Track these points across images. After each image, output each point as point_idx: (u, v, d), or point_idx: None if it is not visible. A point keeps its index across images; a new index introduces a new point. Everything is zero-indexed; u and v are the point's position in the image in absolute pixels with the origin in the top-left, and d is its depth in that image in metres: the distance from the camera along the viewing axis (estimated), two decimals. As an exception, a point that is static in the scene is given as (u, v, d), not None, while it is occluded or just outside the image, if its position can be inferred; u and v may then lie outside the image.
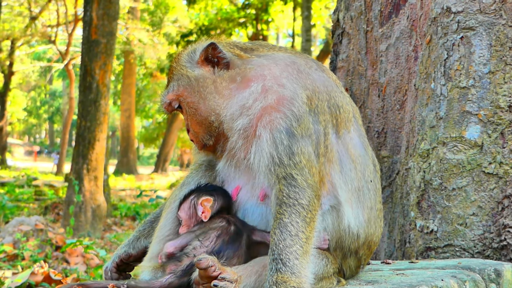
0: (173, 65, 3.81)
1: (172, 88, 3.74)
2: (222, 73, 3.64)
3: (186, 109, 3.71)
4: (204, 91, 3.64)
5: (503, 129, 4.80)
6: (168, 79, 3.85)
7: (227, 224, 3.43)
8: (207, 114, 3.63)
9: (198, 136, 3.72)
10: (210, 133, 3.67)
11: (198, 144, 3.75)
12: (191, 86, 3.67)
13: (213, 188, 3.63)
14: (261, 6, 35.19)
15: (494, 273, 3.98)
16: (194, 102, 3.66)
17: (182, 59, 3.77)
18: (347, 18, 6.32)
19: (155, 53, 43.41)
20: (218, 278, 3.03)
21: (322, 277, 3.38)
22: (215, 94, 3.61)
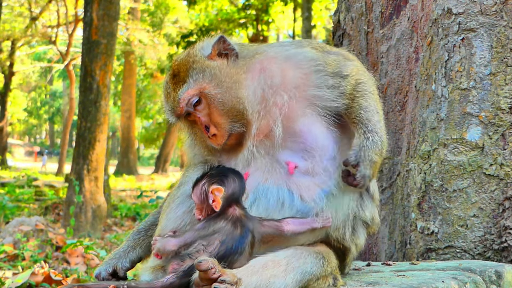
0: (187, 63, 3.80)
1: (193, 84, 3.72)
2: (237, 63, 3.80)
3: (209, 102, 3.69)
4: (230, 81, 3.71)
5: (504, 130, 4.80)
6: (179, 76, 3.79)
7: (233, 228, 3.42)
8: (234, 102, 3.67)
9: (223, 128, 3.69)
10: (240, 121, 3.68)
11: (223, 137, 3.71)
12: (215, 77, 3.72)
13: (224, 173, 3.58)
14: (262, 7, 35.22)
15: (495, 275, 3.98)
16: (219, 93, 3.68)
17: (197, 55, 3.82)
18: (347, 19, 6.32)
19: (155, 53, 43.46)
20: (218, 280, 3.03)
21: (320, 276, 3.41)
22: (237, 83, 3.72)
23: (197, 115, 3.73)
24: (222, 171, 3.60)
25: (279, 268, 3.28)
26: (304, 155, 3.65)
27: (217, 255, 3.28)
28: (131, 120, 47.18)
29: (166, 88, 3.86)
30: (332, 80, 3.75)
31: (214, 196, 3.45)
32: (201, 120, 3.72)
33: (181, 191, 3.81)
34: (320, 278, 3.42)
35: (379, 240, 5.67)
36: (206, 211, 3.51)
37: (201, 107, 3.71)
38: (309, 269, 3.36)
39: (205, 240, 3.36)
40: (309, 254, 3.41)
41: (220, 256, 3.28)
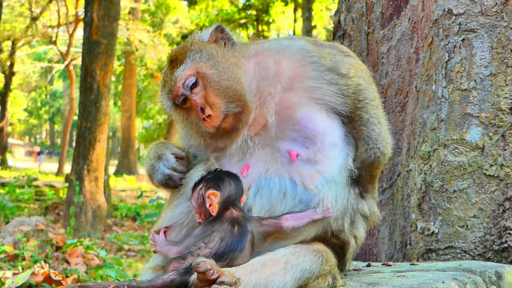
0: (184, 48, 3.85)
1: (190, 64, 3.75)
2: (234, 49, 3.87)
3: (205, 83, 3.70)
4: (227, 62, 3.76)
5: (504, 131, 4.80)
6: (177, 60, 3.82)
7: (231, 227, 3.43)
8: (231, 82, 3.70)
9: (218, 108, 3.68)
10: (236, 101, 3.69)
11: (217, 118, 3.69)
12: (212, 58, 3.76)
13: (220, 177, 3.59)
14: (262, 7, 35.24)
15: (495, 276, 3.98)
16: (216, 73, 3.71)
17: (195, 39, 3.90)
18: (348, 20, 6.32)
19: (155, 53, 43.44)
20: (217, 282, 3.03)
21: (319, 275, 3.42)
22: (235, 65, 3.77)
23: (192, 98, 3.71)
24: (218, 175, 3.61)
25: (278, 266, 3.28)
26: (305, 142, 3.69)
27: (218, 251, 3.29)
28: (131, 120, 47.18)
29: (164, 76, 3.90)
30: (329, 75, 3.80)
31: (211, 200, 3.46)
32: (197, 103, 3.70)
33: (181, 192, 3.82)
34: (319, 277, 3.42)
35: (379, 240, 5.67)
36: (205, 214, 3.53)
37: (197, 90, 3.72)
38: (308, 267, 3.36)
39: (206, 239, 3.37)
40: (308, 252, 3.42)
41: (221, 252, 3.29)
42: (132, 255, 15.32)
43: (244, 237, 3.40)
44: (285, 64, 3.81)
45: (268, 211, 3.59)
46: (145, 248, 16.04)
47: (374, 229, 5.68)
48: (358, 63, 3.98)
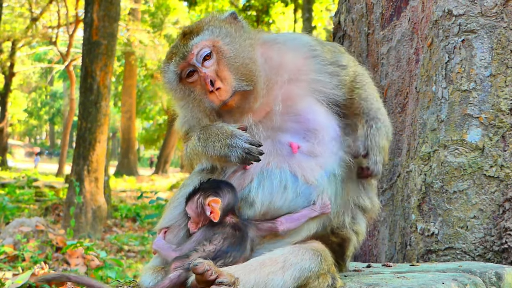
0: (201, 22, 3.87)
1: (207, 36, 3.75)
2: (247, 33, 3.89)
3: (219, 58, 3.70)
4: (243, 43, 3.78)
5: (504, 132, 4.80)
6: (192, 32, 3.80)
7: (233, 230, 3.44)
8: (247, 62, 3.71)
9: (229, 83, 3.66)
10: (248, 80, 3.68)
11: (226, 93, 3.65)
12: (230, 35, 3.78)
13: (217, 185, 3.59)
14: (262, 8, 35.25)
15: (495, 276, 3.98)
16: (233, 50, 3.72)
17: (213, 16, 3.92)
18: (348, 21, 6.32)
19: (156, 54, 43.41)
20: (216, 282, 3.04)
21: (319, 274, 3.41)
22: (251, 46, 3.80)
23: (202, 71, 3.68)
24: (215, 183, 3.61)
25: (276, 265, 3.29)
26: (306, 135, 3.71)
27: (221, 248, 3.30)
28: (131, 121, 47.18)
29: (171, 49, 3.86)
30: (331, 68, 3.87)
31: (212, 207, 3.46)
32: (206, 75, 3.66)
33: (181, 193, 3.83)
34: (319, 276, 3.42)
35: (379, 241, 5.67)
36: (203, 223, 3.52)
37: (209, 63, 3.70)
38: (308, 266, 3.36)
39: (208, 239, 3.39)
40: (306, 251, 3.42)
41: (225, 250, 3.30)
42: (132, 256, 15.31)
43: (245, 240, 3.42)
44: (290, 56, 3.85)
45: (269, 204, 3.59)
46: (145, 249, 16.03)
47: (374, 230, 5.68)
48: (354, 59, 4.10)
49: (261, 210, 3.59)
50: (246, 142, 3.49)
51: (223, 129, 3.56)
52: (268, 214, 3.61)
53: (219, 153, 3.54)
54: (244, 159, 3.48)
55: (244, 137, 3.50)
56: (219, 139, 3.55)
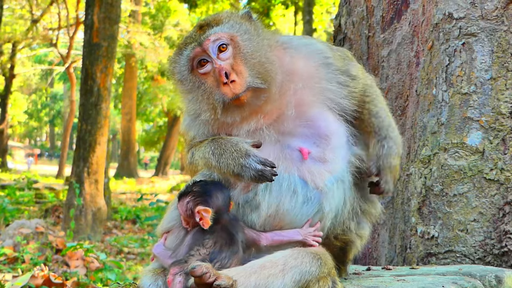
0: (220, 15, 3.84)
1: (227, 28, 3.73)
2: (264, 32, 3.88)
3: (236, 52, 3.68)
4: (261, 41, 3.77)
5: (504, 135, 4.80)
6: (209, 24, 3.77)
7: (222, 232, 3.45)
8: (264, 60, 3.69)
9: (244, 77, 3.63)
10: (264, 78, 3.66)
11: (241, 86, 3.62)
12: (248, 32, 3.76)
13: (207, 191, 3.57)
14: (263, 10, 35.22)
15: (495, 280, 3.98)
16: (251, 46, 3.71)
17: (231, 13, 3.90)
18: (349, 23, 6.32)
19: (156, 56, 43.44)
20: (214, 285, 3.05)
21: (319, 278, 3.40)
22: (268, 46, 3.79)
23: (217, 63, 3.64)
24: (205, 188, 3.59)
25: (276, 268, 3.29)
26: (316, 141, 3.70)
27: (215, 250, 3.30)
28: (131, 123, 47.19)
29: (186, 38, 3.83)
30: (342, 78, 3.86)
31: (201, 215, 3.46)
32: (222, 66, 3.62)
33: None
34: (319, 280, 3.41)
35: (379, 244, 5.67)
36: (193, 225, 3.52)
37: (225, 56, 3.67)
38: (308, 269, 3.35)
39: (200, 244, 3.39)
40: (306, 255, 3.42)
41: (218, 251, 3.31)
42: (132, 258, 15.31)
43: (236, 240, 3.43)
44: (303, 62, 3.84)
45: (277, 207, 3.59)
46: (145, 251, 16.03)
47: (374, 232, 5.68)
48: (362, 67, 4.10)
49: (268, 212, 3.58)
50: (260, 164, 3.46)
51: (237, 147, 3.53)
52: (276, 217, 3.60)
53: (232, 172, 3.53)
54: (257, 179, 3.47)
55: (258, 158, 3.47)
56: (233, 157, 3.53)
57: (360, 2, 6.18)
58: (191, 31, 3.85)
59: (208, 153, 3.64)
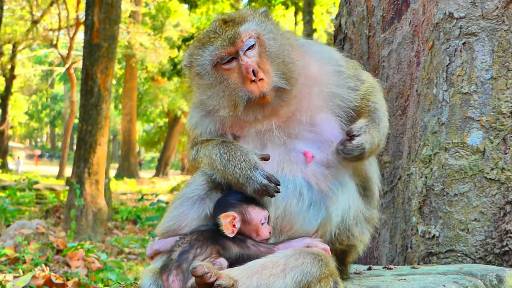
0: (244, 13, 3.85)
1: (254, 26, 3.74)
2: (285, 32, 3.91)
3: (262, 51, 3.69)
4: (285, 41, 3.80)
5: (505, 135, 4.80)
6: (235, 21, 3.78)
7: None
8: (288, 61, 3.72)
9: (271, 76, 3.66)
10: (288, 78, 3.68)
11: (268, 85, 3.64)
12: (273, 31, 3.79)
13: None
14: (263, 11, 35.18)
15: (496, 279, 3.98)
16: (276, 45, 3.73)
17: (255, 11, 3.90)
18: (349, 23, 6.32)
19: (156, 57, 43.50)
20: (215, 284, 3.06)
21: (320, 278, 3.40)
22: (291, 46, 3.82)
23: (243, 60, 3.65)
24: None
25: (277, 268, 3.29)
26: (320, 146, 3.73)
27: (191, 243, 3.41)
28: (132, 123, 47.21)
29: (209, 34, 3.80)
30: (352, 82, 3.92)
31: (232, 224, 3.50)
32: (249, 64, 3.63)
33: (182, 192, 3.83)
34: (321, 280, 3.41)
35: (380, 243, 5.67)
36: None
37: (252, 54, 3.68)
38: (309, 270, 3.35)
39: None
40: (308, 255, 3.41)
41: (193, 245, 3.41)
42: (133, 258, 15.31)
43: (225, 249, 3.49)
44: (318, 67, 3.87)
45: (284, 209, 3.63)
46: (145, 251, 16.03)
47: (375, 232, 5.67)
48: (371, 75, 4.17)
49: (276, 214, 3.62)
50: (266, 179, 3.50)
51: (247, 157, 3.56)
52: (284, 219, 3.63)
53: (236, 180, 3.57)
54: (259, 193, 3.52)
55: (264, 173, 3.50)
56: (241, 167, 3.56)
57: (360, 2, 6.18)
58: (214, 26, 3.83)
59: (216, 155, 3.67)
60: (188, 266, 3.33)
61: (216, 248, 3.44)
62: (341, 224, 3.72)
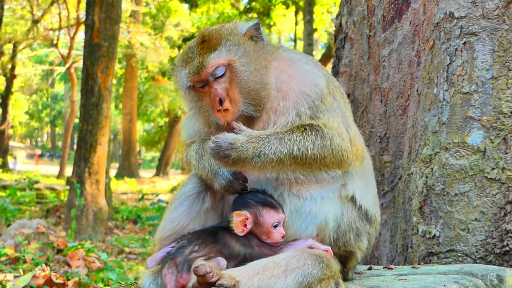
0: (221, 33, 3.80)
1: (225, 53, 3.72)
2: (264, 51, 3.85)
3: (232, 77, 3.69)
4: (259, 64, 3.76)
5: (505, 134, 4.80)
6: (210, 42, 3.77)
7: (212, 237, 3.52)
8: (259, 87, 3.70)
9: (237, 105, 3.68)
10: (256, 106, 3.70)
11: (233, 115, 3.67)
12: (248, 56, 3.75)
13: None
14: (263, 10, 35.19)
15: (497, 279, 3.98)
16: (248, 72, 3.70)
17: (234, 29, 3.85)
18: (349, 23, 6.32)
19: (157, 56, 43.49)
20: (216, 284, 3.07)
21: (321, 279, 3.41)
22: (265, 68, 3.78)
23: (213, 87, 3.68)
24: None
25: (279, 268, 3.30)
26: None
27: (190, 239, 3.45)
28: (132, 123, 47.21)
29: (188, 52, 3.82)
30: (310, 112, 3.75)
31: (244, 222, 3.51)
32: (217, 92, 3.66)
33: (180, 192, 3.84)
34: (321, 281, 3.42)
35: (380, 243, 5.67)
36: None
37: (222, 80, 3.69)
38: (310, 271, 3.36)
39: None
40: (309, 256, 3.43)
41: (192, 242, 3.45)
42: (133, 258, 15.31)
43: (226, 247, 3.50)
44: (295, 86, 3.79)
45: None
46: (146, 251, 16.04)
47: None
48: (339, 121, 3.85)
49: None
50: (231, 175, 3.57)
51: None
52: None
53: (206, 175, 3.69)
54: (226, 189, 3.60)
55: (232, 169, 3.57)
56: (210, 162, 3.65)
57: (361, 1, 6.18)
58: (194, 42, 3.85)
59: (193, 151, 3.79)
60: (182, 260, 3.36)
61: (216, 247, 3.45)
62: (338, 230, 3.71)
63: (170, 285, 3.36)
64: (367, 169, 4.01)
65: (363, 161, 3.91)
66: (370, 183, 4.01)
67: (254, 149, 3.47)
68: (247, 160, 3.46)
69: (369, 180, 3.99)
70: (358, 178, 3.85)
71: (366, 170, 4.00)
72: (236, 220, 3.47)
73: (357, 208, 3.80)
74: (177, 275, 3.37)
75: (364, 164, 3.93)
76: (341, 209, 3.72)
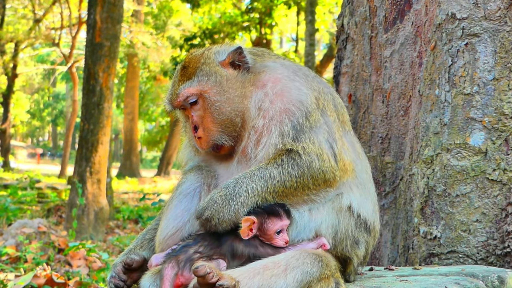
0: (198, 62, 3.85)
1: (197, 83, 3.78)
2: (245, 77, 3.85)
3: (205, 106, 3.76)
4: (234, 93, 3.78)
5: (507, 136, 4.80)
6: (187, 69, 3.84)
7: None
8: (233, 115, 3.75)
9: (210, 134, 3.76)
10: (230, 133, 3.77)
11: (207, 143, 3.77)
12: (220, 85, 3.78)
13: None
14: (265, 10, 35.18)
15: (498, 280, 3.98)
16: (220, 101, 3.75)
17: (210, 57, 3.88)
18: (351, 24, 6.32)
19: (158, 56, 43.45)
20: (217, 285, 3.08)
21: (320, 278, 3.43)
22: (241, 97, 3.79)
23: (190, 113, 3.80)
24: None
25: (279, 268, 3.32)
26: None
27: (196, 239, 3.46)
28: (134, 122, 47.19)
29: (174, 76, 3.94)
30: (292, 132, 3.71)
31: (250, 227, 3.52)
32: (193, 119, 3.79)
33: (178, 191, 3.87)
34: (321, 280, 3.43)
35: (381, 244, 5.67)
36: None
37: (197, 107, 3.78)
38: (309, 270, 3.39)
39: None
40: (308, 256, 3.46)
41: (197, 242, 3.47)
42: (134, 257, 15.28)
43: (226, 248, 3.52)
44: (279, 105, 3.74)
45: None
46: (146, 250, 16.01)
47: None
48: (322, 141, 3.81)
49: None
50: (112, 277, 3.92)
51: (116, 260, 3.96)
52: None
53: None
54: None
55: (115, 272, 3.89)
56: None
57: (363, 2, 6.18)
58: (179, 68, 3.93)
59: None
60: (185, 258, 3.37)
61: (221, 251, 3.46)
62: (336, 236, 3.71)
63: (167, 278, 3.38)
64: (364, 177, 3.99)
65: (354, 172, 3.87)
66: (368, 190, 3.99)
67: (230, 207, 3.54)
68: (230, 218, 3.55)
69: (367, 188, 3.98)
70: (354, 187, 3.85)
71: (363, 178, 3.98)
72: (244, 226, 3.49)
73: (355, 217, 3.79)
74: (177, 271, 3.38)
75: (357, 174, 3.91)
76: (337, 217, 3.72)
